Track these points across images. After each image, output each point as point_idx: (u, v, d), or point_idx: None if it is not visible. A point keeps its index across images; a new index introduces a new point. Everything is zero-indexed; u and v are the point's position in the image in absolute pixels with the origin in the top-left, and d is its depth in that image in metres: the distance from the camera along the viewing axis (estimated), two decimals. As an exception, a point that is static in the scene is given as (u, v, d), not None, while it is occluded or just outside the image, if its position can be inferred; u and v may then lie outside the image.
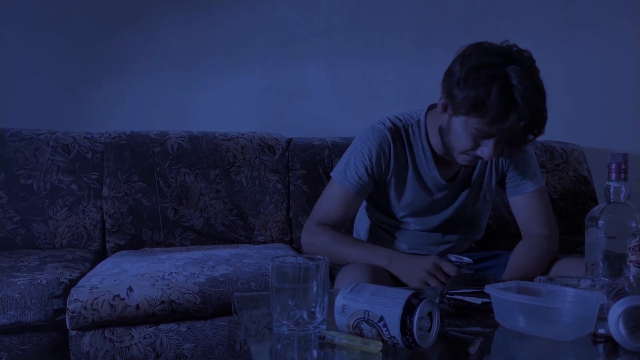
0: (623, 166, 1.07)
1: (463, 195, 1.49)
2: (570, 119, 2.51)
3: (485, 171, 1.48)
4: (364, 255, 1.37)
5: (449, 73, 1.28)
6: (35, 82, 2.12)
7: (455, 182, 1.47)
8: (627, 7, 2.54)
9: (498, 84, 1.19)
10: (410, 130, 1.44)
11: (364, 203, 1.55)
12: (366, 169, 1.40)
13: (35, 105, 2.12)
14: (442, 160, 1.43)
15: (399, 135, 1.43)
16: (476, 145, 1.28)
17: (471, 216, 1.52)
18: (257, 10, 2.29)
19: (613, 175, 1.08)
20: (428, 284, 1.26)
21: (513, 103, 1.19)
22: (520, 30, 2.44)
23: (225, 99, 2.27)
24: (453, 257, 1.19)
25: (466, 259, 1.21)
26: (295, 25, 2.32)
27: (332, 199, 1.44)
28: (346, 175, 1.41)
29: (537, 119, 1.23)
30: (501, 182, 1.51)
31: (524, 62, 1.22)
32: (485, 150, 1.27)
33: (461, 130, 1.28)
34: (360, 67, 2.37)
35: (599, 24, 2.54)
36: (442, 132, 1.36)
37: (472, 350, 0.82)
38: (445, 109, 1.31)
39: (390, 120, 1.45)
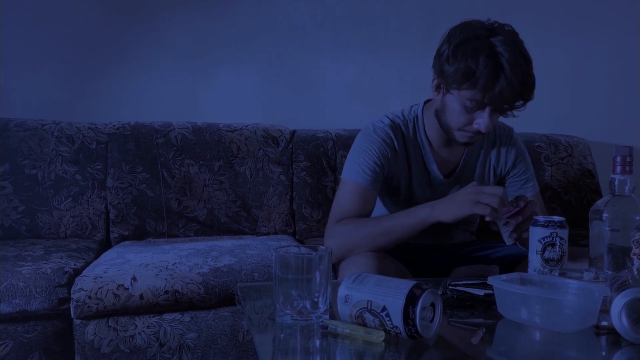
0: (628, 159, 1.07)
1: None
2: (575, 112, 2.51)
3: (485, 172, 1.50)
4: (403, 218, 1.30)
5: (438, 53, 1.33)
6: (39, 73, 2.13)
7: (453, 178, 1.48)
8: (631, 0, 2.52)
9: (485, 53, 1.25)
10: (409, 125, 1.46)
11: None
12: (375, 163, 1.40)
13: (39, 95, 2.13)
14: (440, 155, 1.46)
15: (400, 133, 1.45)
16: (471, 119, 1.32)
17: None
18: (262, 2, 2.28)
19: (618, 168, 1.07)
20: (483, 203, 1.19)
21: (500, 69, 1.24)
22: (525, 24, 2.39)
23: (229, 90, 2.27)
24: (541, 218, 1.11)
25: (556, 218, 1.09)
26: (300, 17, 2.31)
27: (346, 196, 1.40)
28: (357, 171, 1.40)
29: (525, 83, 1.27)
30: (500, 185, 1.53)
31: (506, 33, 1.29)
32: (482, 121, 1.31)
33: (456, 105, 1.32)
34: (364, 60, 2.37)
35: (603, 18, 2.52)
36: (438, 113, 1.39)
37: (475, 341, 0.83)
38: (438, 88, 1.35)
39: (389, 118, 1.46)
